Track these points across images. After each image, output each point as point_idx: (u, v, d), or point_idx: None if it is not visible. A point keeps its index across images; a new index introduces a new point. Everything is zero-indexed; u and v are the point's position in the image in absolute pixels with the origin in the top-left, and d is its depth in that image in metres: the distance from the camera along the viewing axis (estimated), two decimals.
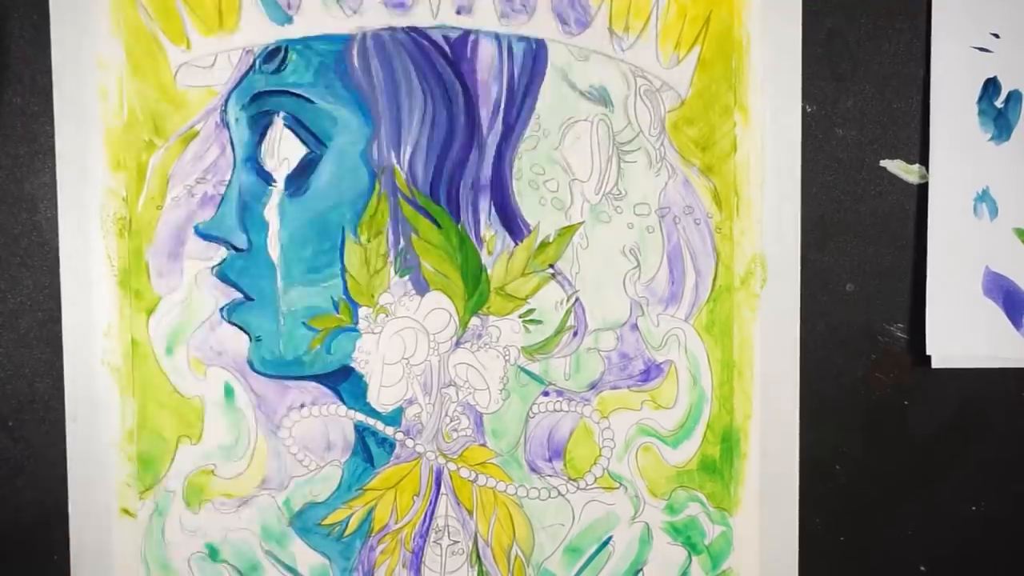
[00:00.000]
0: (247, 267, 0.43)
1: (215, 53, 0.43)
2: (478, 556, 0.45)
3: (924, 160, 0.45)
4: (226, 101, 0.43)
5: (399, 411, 0.44)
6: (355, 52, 0.43)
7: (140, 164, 0.43)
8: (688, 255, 0.44)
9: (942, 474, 0.46)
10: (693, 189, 0.44)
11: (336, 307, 0.44)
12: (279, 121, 0.43)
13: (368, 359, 0.44)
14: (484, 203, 0.44)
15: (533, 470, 0.45)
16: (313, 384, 0.44)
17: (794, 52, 0.44)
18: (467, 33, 0.44)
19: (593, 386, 0.45)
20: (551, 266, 0.44)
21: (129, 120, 0.43)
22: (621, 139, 0.44)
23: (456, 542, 0.45)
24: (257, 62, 0.43)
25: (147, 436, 0.44)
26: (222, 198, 0.44)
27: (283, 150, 0.44)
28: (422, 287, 0.44)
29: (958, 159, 0.44)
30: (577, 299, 0.44)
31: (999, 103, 0.44)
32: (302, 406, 0.44)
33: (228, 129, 0.43)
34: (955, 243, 0.45)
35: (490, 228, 0.44)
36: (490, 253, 0.44)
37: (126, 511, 0.44)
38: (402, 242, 0.44)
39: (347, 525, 0.45)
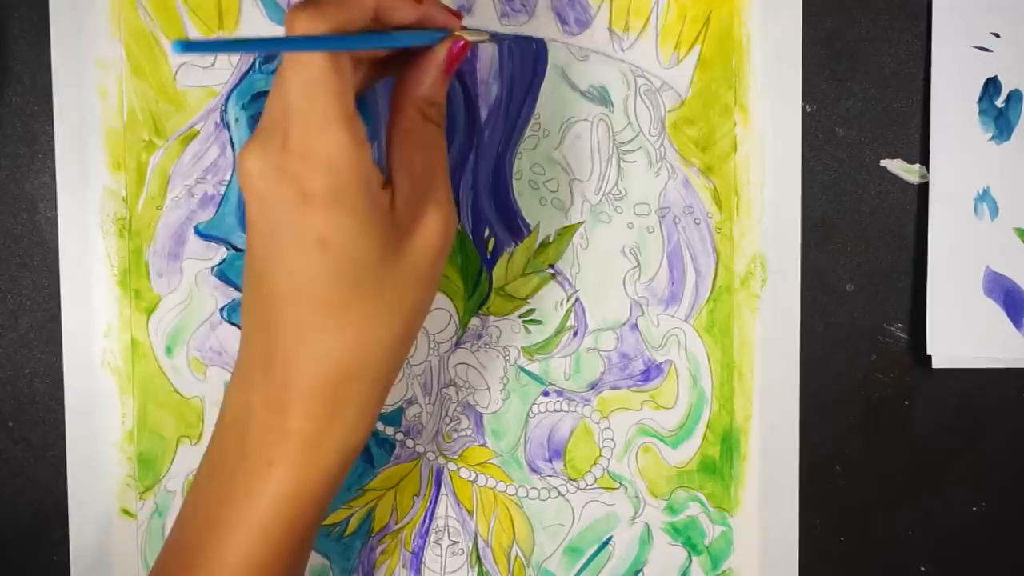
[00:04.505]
0: None
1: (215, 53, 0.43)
2: (478, 556, 0.45)
3: (924, 160, 0.45)
4: (226, 101, 0.43)
5: (399, 411, 0.44)
6: None
7: (140, 164, 0.43)
8: (688, 255, 0.44)
9: (943, 474, 0.46)
10: (693, 189, 0.44)
11: None
12: None
13: None
14: (484, 203, 0.44)
15: (533, 470, 0.45)
16: None
17: (794, 52, 0.44)
18: None
19: (593, 386, 0.45)
20: (551, 266, 0.44)
21: (129, 120, 0.43)
22: (621, 139, 0.44)
23: (456, 542, 0.45)
24: (257, 62, 0.43)
25: (147, 436, 0.44)
26: (222, 198, 0.44)
27: None
28: None
29: (958, 159, 0.44)
30: (577, 299, 0.44)
31: (999, 103, 0.44)
32: None
33: (228, 129, 0.43)
34: (956, 243, 0.45)
35: (490, 228, 0.44)
36: (490, 253, 0.44)
37: (126, 511, 0.44)
38: None
39: (347, 526, 0.45)
